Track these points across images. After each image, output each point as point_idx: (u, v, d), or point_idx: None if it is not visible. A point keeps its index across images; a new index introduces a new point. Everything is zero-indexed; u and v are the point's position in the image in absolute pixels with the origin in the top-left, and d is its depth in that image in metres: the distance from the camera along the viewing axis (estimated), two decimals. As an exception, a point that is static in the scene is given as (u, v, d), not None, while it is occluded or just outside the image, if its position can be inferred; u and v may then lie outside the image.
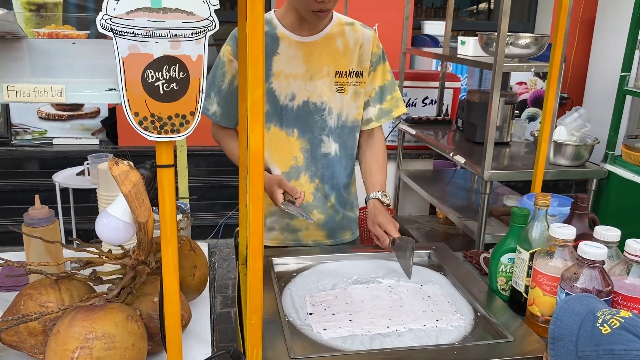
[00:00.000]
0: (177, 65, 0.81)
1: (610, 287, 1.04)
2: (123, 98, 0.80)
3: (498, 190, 3.41)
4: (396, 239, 1.47)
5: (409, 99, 3.91)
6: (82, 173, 3.33)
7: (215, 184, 4.30)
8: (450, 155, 2.98)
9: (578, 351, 0.90)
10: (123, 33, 0.78)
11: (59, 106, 4.42)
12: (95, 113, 4.53)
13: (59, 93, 0.80)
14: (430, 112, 3.93)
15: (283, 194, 1.51)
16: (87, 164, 3.25)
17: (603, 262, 1.04)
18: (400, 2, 3.92)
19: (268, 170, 1.63)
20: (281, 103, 1.58)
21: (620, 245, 1.13)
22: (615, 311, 0.93)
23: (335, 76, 1.60)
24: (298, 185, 1.64)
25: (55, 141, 4.43)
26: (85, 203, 3.53)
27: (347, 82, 1.62)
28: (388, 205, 1.61)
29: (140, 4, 0.77)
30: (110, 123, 4.47)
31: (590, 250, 1.04)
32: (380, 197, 1.61)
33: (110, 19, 0.77)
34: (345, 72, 1.61)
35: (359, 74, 1.63)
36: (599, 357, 0.87)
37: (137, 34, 0.78)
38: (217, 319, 3.08)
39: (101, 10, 0.77)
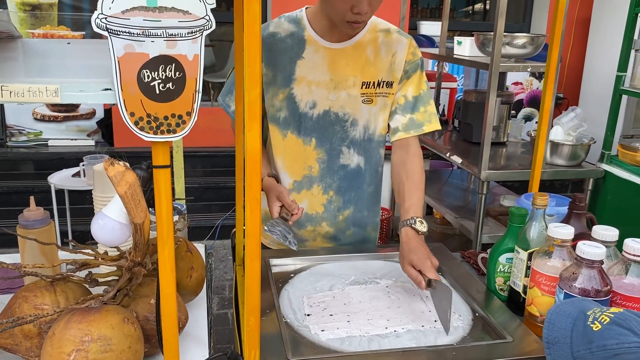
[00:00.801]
0: (173, 64, 0.80)
1: (608, 286, 1.04)
2: (119, 98, 0.79)
3: (495, 190, 3.42)
4: (432, 282, 1.22)
5: (406, 99, 3.91)
6: (77, 174, 3.31)
7: (212, 184, 4.29)
8: (447, 155, 2.98)
9: (573, 352, 0.90)
10: (118, 32, 0.77)
11: (54, 107, 4.40)
12: (91, 114, 4.51)
13: (53, 93, 0.79)
14: (427, 112, 3.93)
15: (281, 207, 1.42)
16: (83, 165, 3.23)
17: (602, 262, 1.04)
18: (396, 2, 3.92)
19: (277, 178, 1.55)
20: (301, 110, 1.50)
21: (618, 244, 1.12)
22: (606, 308, 0.93)
23: (362, 87, 1.49)
24: (309, 196, 1.57)
25: (50, 142, 4.42)
26: (81, 204, 3.52)
27: (375, 93, 1.51)
28: (425, 233, 1.37)
29: (135, 2, 0.76)
30: (106, 124, 4.46)
31: (588, 250, 1.04)
32: (414, 224, 1.37)
33: (106, 18, 0.76)
34: (373, 82, 1.50)
35: (389, 84, 1.52)
36: (592, 354, 0.87)
37: (133, 33, 0.77)
38: (214, 321, 3.08)
39: (96, 10, 0.76)
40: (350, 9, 1.33)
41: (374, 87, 1.50)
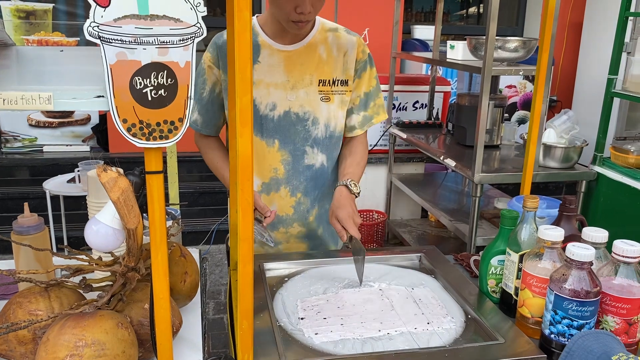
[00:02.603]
0: (165, 71, 0.81)
1: (598, 287, 1.05)
2: (111, 105, 0.80)
3: (489, 193, 3.43)
4: (353, 240, 1.40)
5: (400, 103, 3.93)
6: (72, 180, 3.31)
7: (207, 189, 4.29)
8: (441, 158, 2.99)
9: None
10: (111, 40, 0.78)
11: (49, 113, 4.40)
12: (86, 120, 4.51)
13: (46, 100, 0.80)
14: (421, 115, 3.96)
15: (253, 210, 1.48)
16: (78, 171, 3.23)
17: (591, 263, 1.05)
18: (390, 6, 3.95)
19: None
20: (261, 113, 1.54)
21: (609, 246, 1.14)
22: (633, 357, 0.92)
23: (319, 85, 1.56)
24: (277, 198, 1.61)
25: (45, 148, 4.41)
26: (77, 210, 3.52)
27: (332, 91, 1.57)
28: (357, 194, 1.51)
29: (127, 11, 0.77)
30: (101, 130, 4.46)
31: (578, 251, 1.05)
32: (348, 183, 1.51)
33: (98, 26, 0.77)
34: (329, 80, 1.56)
35: (345, 82, 1.59)
36: None
37: (125, 41, 0.78)
38: (210, 325, 3.06)
39: (88, 18, 0.77)
40: (294, 9, 1.40)
41: (329, 85, 1.57)
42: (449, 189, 3.62)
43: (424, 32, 4.95)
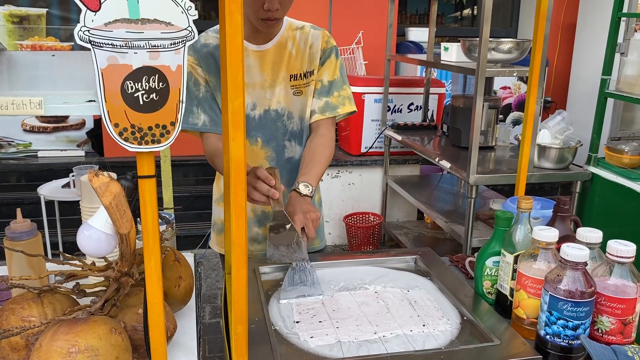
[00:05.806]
0: (157, 75, 0.81)
1: (593, 288, 1.05)
2: (102, 109, 0.80)
3: (485, 194, 3.44)
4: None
5: (395, 105, 3.94)
6: (67, 185, 3.30)
7: (203, 193, 4.28)
8: (436, 160, 3.00)
9: None
10: (101, 44, 0.78)
11: (44, 118, 4.39)
12: (81, 124, 4.50)
13: (37, 105, 0.79)
14: (416, 117, 3.96)
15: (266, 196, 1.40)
16: (73, 176, 3.22)
17: (585, 264, 1.05)
18: (384, 9, 3.96)
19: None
20: None
21: (604, 246, 1.14)
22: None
23: (290, 80, 1.61)
24: None
25: (40, 153, 4.40)
26: (72, 215, 3.50)
27: (302, 84, 1.63)
28: (308, 195, 1.47)
29: (118, 15, 0.77)
30: (96, 134, 4.45)
31: (572, 252, 1.05)
32: (297, 188, 1.48)
33: (89, 31, 0.77)
34: (299, 74, 1.62)
35: (312, 72, 1.64)
36: None
37: (116, 45, 0.78)
38: (206, 330, 3.05)
39: (79, 22, 0.77)
40: (262, 6, 1.44)
41: (300, 79, 1.62)
42: (445, 191, 3.62)
43: (418, 34, 4.96)
